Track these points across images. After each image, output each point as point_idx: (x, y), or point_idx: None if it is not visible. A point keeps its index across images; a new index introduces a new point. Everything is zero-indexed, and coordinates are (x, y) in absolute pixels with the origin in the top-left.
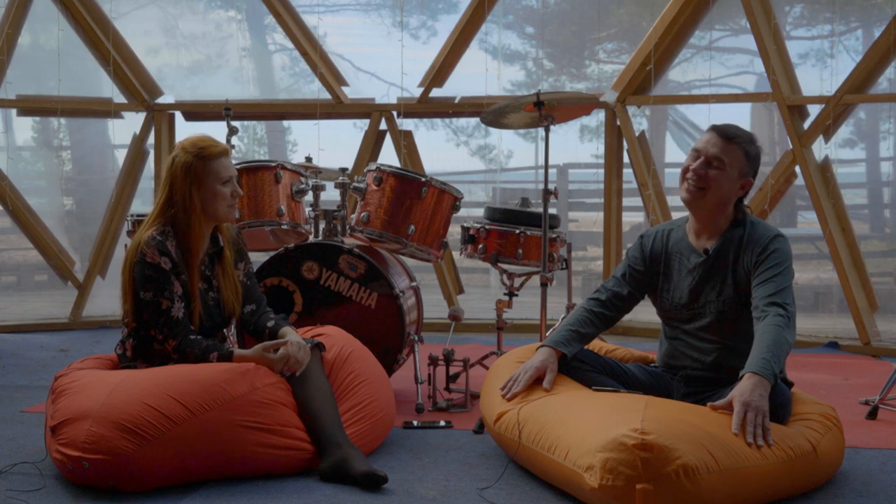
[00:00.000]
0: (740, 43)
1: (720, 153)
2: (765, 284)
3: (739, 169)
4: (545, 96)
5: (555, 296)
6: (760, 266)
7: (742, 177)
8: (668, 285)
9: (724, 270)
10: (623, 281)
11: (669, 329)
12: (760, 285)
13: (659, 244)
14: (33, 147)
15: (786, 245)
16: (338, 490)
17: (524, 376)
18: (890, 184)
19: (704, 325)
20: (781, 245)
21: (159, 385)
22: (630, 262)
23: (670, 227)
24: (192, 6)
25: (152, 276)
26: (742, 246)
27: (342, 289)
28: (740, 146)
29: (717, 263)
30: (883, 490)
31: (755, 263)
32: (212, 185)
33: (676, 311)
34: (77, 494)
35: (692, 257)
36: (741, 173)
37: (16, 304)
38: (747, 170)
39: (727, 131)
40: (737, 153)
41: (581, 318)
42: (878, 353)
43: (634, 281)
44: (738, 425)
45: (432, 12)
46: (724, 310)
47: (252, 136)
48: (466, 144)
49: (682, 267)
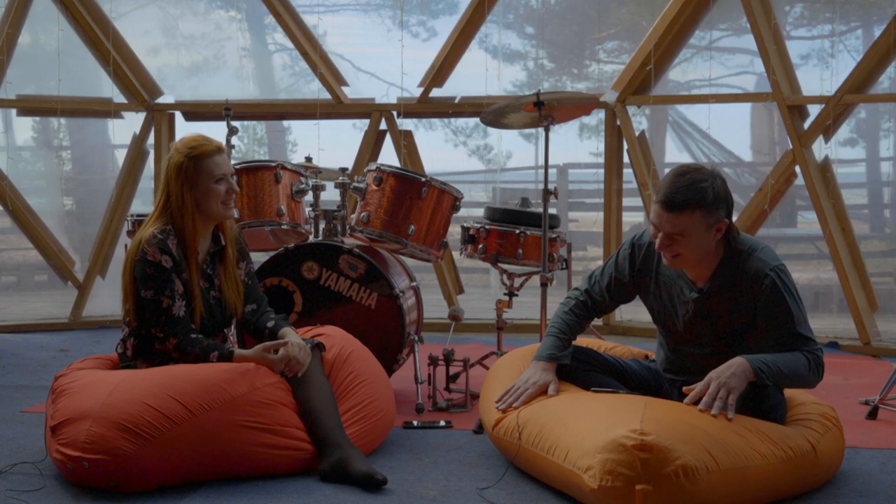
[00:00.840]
0: (740, 43)
1: (674, 228)
2: (782, 338)
3: (703, 225)
4: (545, 96)
5: (555, 296)
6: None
7: (710, 227)
8: (661, 307)
9: (720, 309)
10: (606, 293)
11: (662, 339)
12: (776, 338)
13: (650, 262)
14: (33, 147)
15: (785, 277)
16: (338, 490)
17: (525, 393)
18: (890, 184)
19: (701, 353)
20: (781, 281)
21: (159, 385)
22: (617, 273)
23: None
24: (193, 6)
25: (153, 275)
26: (737, 284)
27: (342, 289)
28: (691, 209)
29: (711, 302)
30: (883, 490)
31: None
32: (205, 184)
33: (667, 332)
34: (77, 494)
35: (685, 290)
36: (707, 226)
37: (16, 304)
38: (712, 218)
39: (673, 201)
40: (692, 217)
41: (573, 326)
42: (878, 353)
43: (618, 293)
44: (696, 394)
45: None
46: (721, 342)
47: (252, 136)
48: (466, 144)
49: (675, 296)
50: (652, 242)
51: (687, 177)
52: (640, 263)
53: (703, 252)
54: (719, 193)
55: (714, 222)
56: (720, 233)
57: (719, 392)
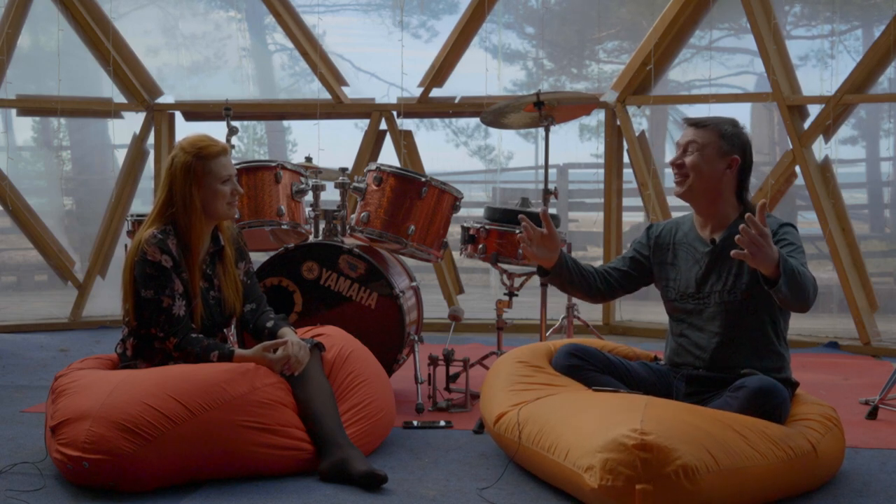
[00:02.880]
0: (740, 43)
1: (692, 137)
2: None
3: (716, 147)
4: (545, 96)
5: (555, 296)
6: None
7: (723, 155)
8: (676, 274)
9: (732, 261)
10: (627, 261)
11: (675, 324)
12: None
13: (667, 235)
14: (33, 147)
15: (795, 231)
16: (338, 490)
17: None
18: (890, 184)
19: (708, 315)
20: (791, 230)
21: (159, 385)
22: (636, 248)
23: (679, 221)
24: (192, 6)
25: (153, 274)
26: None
27: (342, 289)
28: (711, 127)
29: (725, 253)
30: (883, 490)
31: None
32: (211, 185)
33: (682, 300)
34: (77, 494)
35: (699, 247)
36: (720, 152)
37: (16, 304)
38: (727, 147)
39: (698, 119)
40: (709, 133)
41: (585, 266)
42: (878, 353)
43: (637, 264)
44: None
45: (432, 12)
46: (729, 300)
47: (252, 136)
48: (466, 144)
49: (689, 256)
50: (669, 223)
51: (715, 115)
52: (658, 237)
53: (709, 182)
54: (736, 135)
55: (728, 150)
56: (730, 170)
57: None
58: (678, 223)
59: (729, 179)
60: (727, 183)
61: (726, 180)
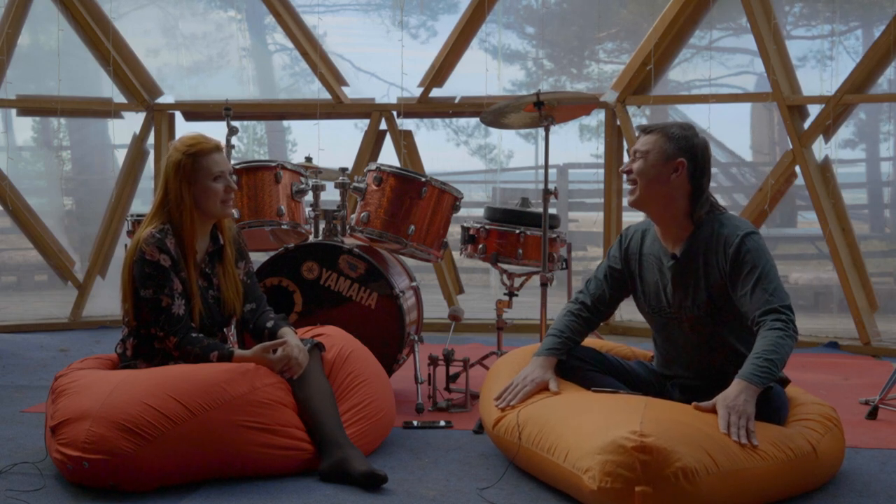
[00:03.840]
0: (740, 43)
1: (639, 145)
2: (753, 294)
3: (661, 152)
4: (545, 96)
5: (555, 296)
6: (738, 272)
7: (668, 159)
8: (645, 287)
9: (696, 274)
10: (604, 283)
11: (655, 333)
12: (748, 296)
13: (635, 244)
14: (33, 147)
15: (757, 240)
16: (338, 490)
17: (523, 389)
18: (890, 184)
19: (685, 328)
20: (752, 243)
21: (159, 385)
22: (610, 262)
23: (646, 226)
24: (192, 6)
25: (152, 274)
26: (710, 247)
27: (342, 289)
28: (658, 131)
29: (687, 268)
30: (883, 490)
31: (731, 270)
32: (203, 182)
33: (654, 312)
34: (77, 494)
35: (665, 260)
36: (665, 155)
37: (16, 304)
38: (672, 150)
39: (648, 125)
40: (654, 140)
41: (572, 326)
42: (878, 353)
43: (615, 281)
44: (724, 427)
45: (432, 12)
46: (699, 315)
47: (252, 136)
48: (466, 144)
49: (655, 269)
50: (637, 230)
51: (671, 121)
52: (628, 247)
53: (656, 189)
54: (688, 139)
55: (673, 153)
56: (678, 173)
57: (739, 421)
58: (645, 228)
59: (679, 184)
60: (678, 188)
61: (676, 185)
